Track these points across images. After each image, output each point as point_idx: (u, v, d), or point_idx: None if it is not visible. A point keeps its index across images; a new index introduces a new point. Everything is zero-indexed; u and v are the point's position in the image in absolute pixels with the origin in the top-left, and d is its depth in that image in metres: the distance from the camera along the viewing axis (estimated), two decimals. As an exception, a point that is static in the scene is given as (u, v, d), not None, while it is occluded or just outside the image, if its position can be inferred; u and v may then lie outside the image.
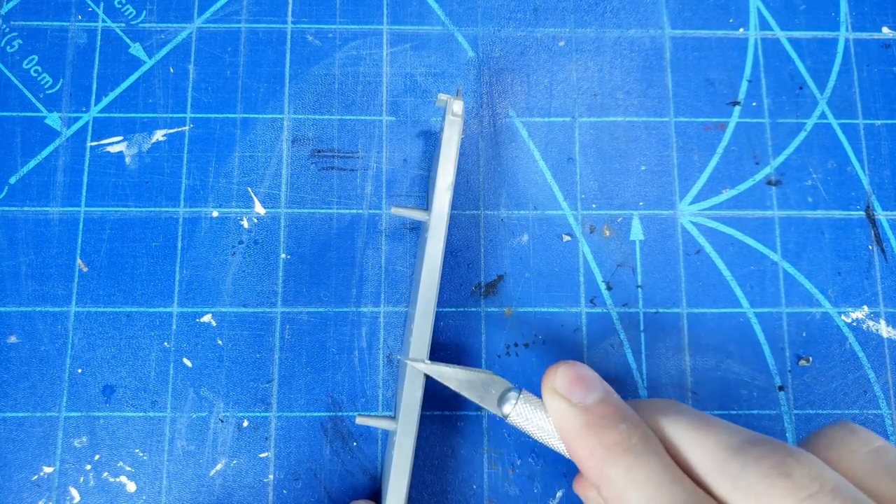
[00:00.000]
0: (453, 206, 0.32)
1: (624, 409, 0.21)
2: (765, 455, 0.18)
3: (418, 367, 0.25)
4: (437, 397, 0.30)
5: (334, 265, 0.31)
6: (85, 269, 0.31)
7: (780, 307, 0.31)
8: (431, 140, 0.33)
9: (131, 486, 0.29)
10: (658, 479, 0.19)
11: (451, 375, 0.24)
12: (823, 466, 0.18)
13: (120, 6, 0.34)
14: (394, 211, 0.28)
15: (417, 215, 0.28)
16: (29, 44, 0.33)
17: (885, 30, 0.34)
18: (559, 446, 0.23)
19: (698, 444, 0.20)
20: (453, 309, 0.31)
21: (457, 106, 0.28)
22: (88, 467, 0.29)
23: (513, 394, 0.23)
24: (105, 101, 0.32)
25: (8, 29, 0.33)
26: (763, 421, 0.30)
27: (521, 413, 0.23)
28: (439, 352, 0.30)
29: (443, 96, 0.29)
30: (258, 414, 0.30)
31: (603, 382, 0.22)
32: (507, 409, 0.23)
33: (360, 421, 0.27)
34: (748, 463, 0.18)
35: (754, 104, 0.33)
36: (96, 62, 0.33)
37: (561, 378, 0.22)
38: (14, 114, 0.32)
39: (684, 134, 0.33)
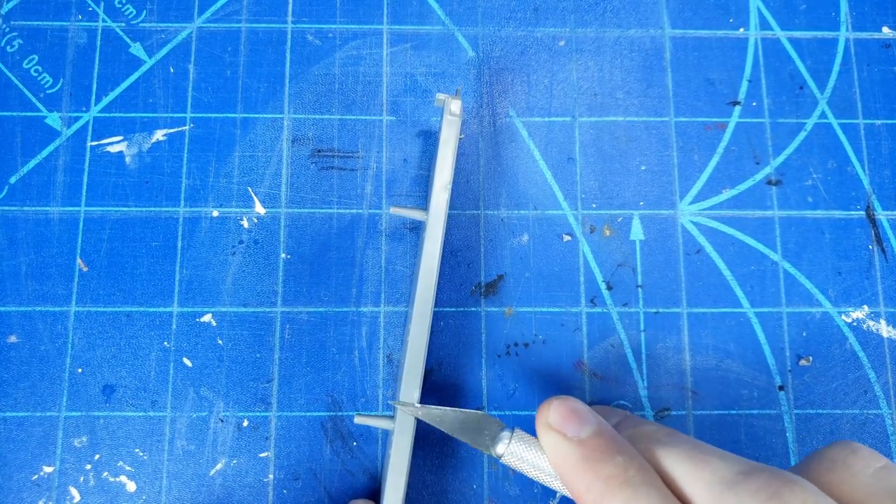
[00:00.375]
0: (453, 205, 0.32)
1: (619, 441, 0.21)
2: (761, 487, 0.18)
3: (409, 412, 0.25)
4: (437, 397, 0.30)
5: (334, 265, 0.31)
6: (85, 269, 0.31)
7: (780, 307, 0.31)
8: (431, 140, 0.33)
9: (131, 486, 0.29)
10: None
11: (442, 418, 0.24)
12: (819, 495, 0.18)
13: (120, 6, 0.34)
14: (393, 211, 0.29)
15: (416, 215, 0.29)
16: (29, 44, 0.33)
17: (885, 30, 0.34)
18: (554, 484, 0.23)
19: (694, 476, 0.20)
20: (453, 309, 0.31)
21: (454, 105, 0.28)
22: (88, 467, 0.29)
23: (505, 433, 0.23)
24: (105, 100, 0.33)
25: (8, 29, 0.33)
26: (763, 421, 0.30)
27: (515, 452, 0.23)
28: (439, 351, 0.30)
29: (441, 96, 0.29)
30: (258, 414, 0.30)
31: (596, 415, 0.22)
32: (500, 449, 0.23)
33: (358, 420, 0.27)
34: (743, 497, 0.18)
35: (754, 104, 0.33)
36: (96, 62, 0.33)
37: (554, 413, 0.22)
38: (14, 114, 0.32)
39: (684, 134, 0.33)
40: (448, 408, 0.24)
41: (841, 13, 0.35)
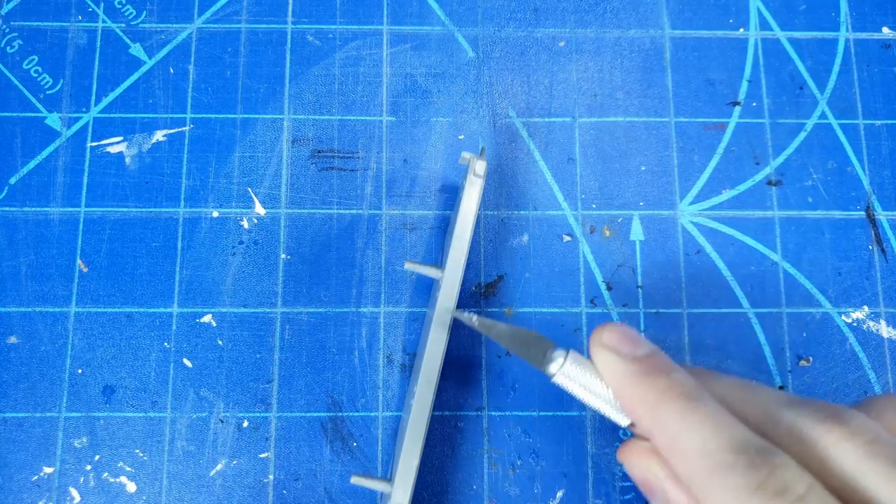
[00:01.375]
0: (453, 206, 0.32)
1: (673, 363, 0.21)
2: (820, 407, 0.19)
3: (465, 320, 0.25)
4: (437, 398, 0.30)
5: (334, 265, 0.31)
6: (85, 270, 0.31)
7: (780, 307, 0.31)
8: (431, 140, 0.33)
9: (131, 487, 0.29)
10: (714, 420, 0.19)
11: (497, 330, 0.24)
12: (877, 425, 0.18)
13: (120, 6, 0.34)
14: (407, 266, 0.27)
15: (431, 272, 0.27)
16: (29, 44, 0.33)
17: (885, 30, 0.34)
18: (604, 407, 0.23)
19: (750, 400, 0.20)
20: (453, 309, 0.31)
21: (479, 167, 0.27)
22: (88, 468, 0.29)
23: (559, 352, 0.23)
24: (105, 101, 0.32)
25: (8, 29, 0.33)
26: (763, 421, 0.30)
27: (567, 373, 0.23)
28: (439, 352, 0.30)
29: (466, 155, 0.27)
30: (258, 414, 0.30)
31: (649, 341, 0.22)
32: (553, 368, 0.23)
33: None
34: (803, 413, 0.19)
35: (754, 104, 0.33)
36: (96, 62, 0.33)
37: (609, 334, 0.22)
38: (14, 114, 0.32)
39: (684, 134, 0.33)
40: (504, 323, 0.24)
41: (841, 13, 0.35)
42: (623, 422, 0.22)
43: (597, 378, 0.22)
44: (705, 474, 0.18)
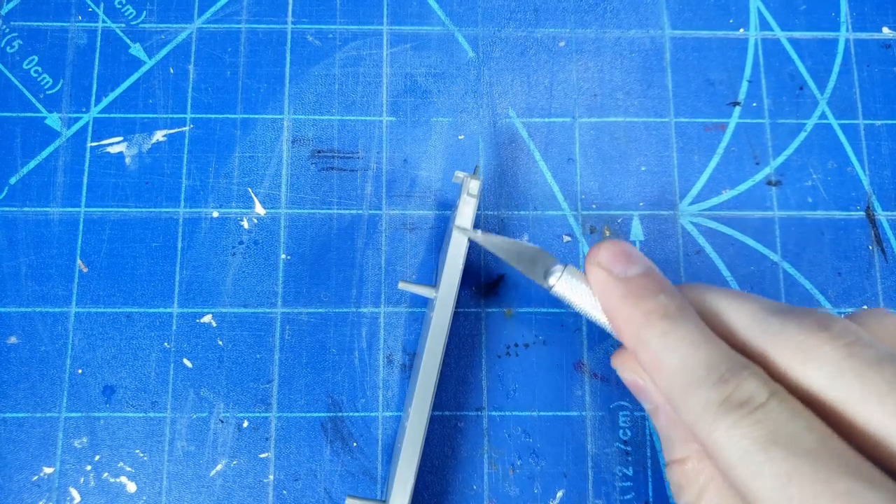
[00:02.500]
0: (453, 206, 0.32)
1: (663, 282, 0.22)
2: (805, 313, 0.19)
3: (470, 235, 0.26)
4: (437, 398, 0.30)
5: (334, 265, 0.31)
6: (85, 270, 0.31)
7: (780, 307, 0.31)
8: (431, 140, 0.33)
9: (131, 487, 0.29)
10: (692, 340, 0.20)
11: (498, 245, 0.25)
12: (864, 332, 0.19)
13: (120, 6, 0.34)
14: (401, 286, 0.28)
15: (424, 292, 0.27)
16: (29, 44, 0.33)
17: (885, 30, 0.34)
18: (598, 318, 0.23)
19: (738, 308, 0.21)
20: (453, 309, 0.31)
21: (473, 186, 0.27)
22: (88, 468, 0.29)
23: (558, 267, 0.24)
24: (105, 101, 0.32)
25: (8, 29, 0.33)
26: (763, 421, 0.30)
27: (565, 285, 0.24)
28: (439, 352, 0.30)
29: (459, 174, 0.28)
30: (258, 414, 0.30)
31: (645, 258, 0.23)
32: (552, 280, 0.24)
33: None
34: (788, 320, 0.19)
35: (754, 104, 0.33)
36: (96, 62, 0.33)
37: (604, 252, 0.23)
38: (14, 114, 0.32)
39: (684, 134, 0.33)
40: (506, 238, 0.25)
41: (841, 13, 0.35)
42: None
43: (591, 292, 0.23)
44: (680, 390, 0.19)
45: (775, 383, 0.18)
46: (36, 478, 0.29)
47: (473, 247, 0.31)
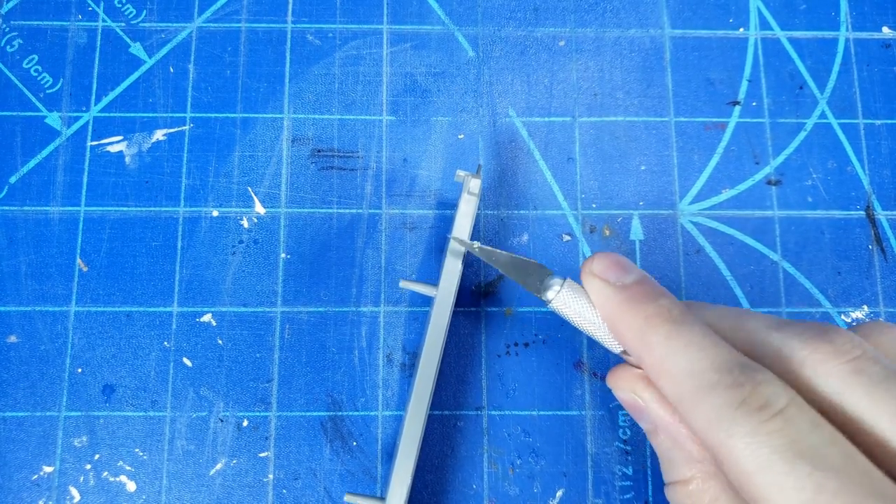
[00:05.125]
0: (453, 206, 0.32)
1: (661, 288, 0.22)
2: (808, 327, 0.19)
3: (468, 247, 0.26)
4: (436, 398, 0.30)
5: (334, 265, 0.31)
6: (85, 269, 0.31)
7: (780, 307, 0.31)
8: (431, 140, 0.33)
9: (131, 486, 0.29)
10: (699, 343, 0.19)
11: (497, 259, 0.25)
12: (864, 342, 0.18)
13: (120, 6, 0.34)
14: (402, 284, 0.28)
15: (425, 290, 0.27)
16: (29, 44, 0.33)
17: (885, 30, 0.34)
18: (597, 333, 0.23)
19: (739, 326, 0.20)
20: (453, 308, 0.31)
21: (474, 184, 0.27)
22: (88, 467, 0.29)
23: (556, 280, 0.24)
24: (105, 100, 0.32)
25: (8, 29, 0.33)
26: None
27: (564, 299, 0.23)
28: (439, 351, 0.30)
29: (461, 173, 0.28)
30: (258, 414, 0.30)
31: (638, 268, 0.23)
32: (550, 294, 0.24)
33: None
34: (790, 334, 0.19)
35: (754, 104, 0.33)
36: (96, 62, 0.33)
37: (598, 263, 0.23)
38: (14, 114, 0.32)
39: (684, 134, 0.33)
40: (504, 251, 0.25)
41: (841, 13, 0.35)
42: (616, 348, 0.23)
43: (590, 305, 0.23)
44: (691, 394, 0.18)
45: (792, 390, 0.18)
46: (36, 477, 0.29)
47: (473, 232, 0.31)
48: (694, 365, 0.19)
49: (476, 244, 0.25)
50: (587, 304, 0.23)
